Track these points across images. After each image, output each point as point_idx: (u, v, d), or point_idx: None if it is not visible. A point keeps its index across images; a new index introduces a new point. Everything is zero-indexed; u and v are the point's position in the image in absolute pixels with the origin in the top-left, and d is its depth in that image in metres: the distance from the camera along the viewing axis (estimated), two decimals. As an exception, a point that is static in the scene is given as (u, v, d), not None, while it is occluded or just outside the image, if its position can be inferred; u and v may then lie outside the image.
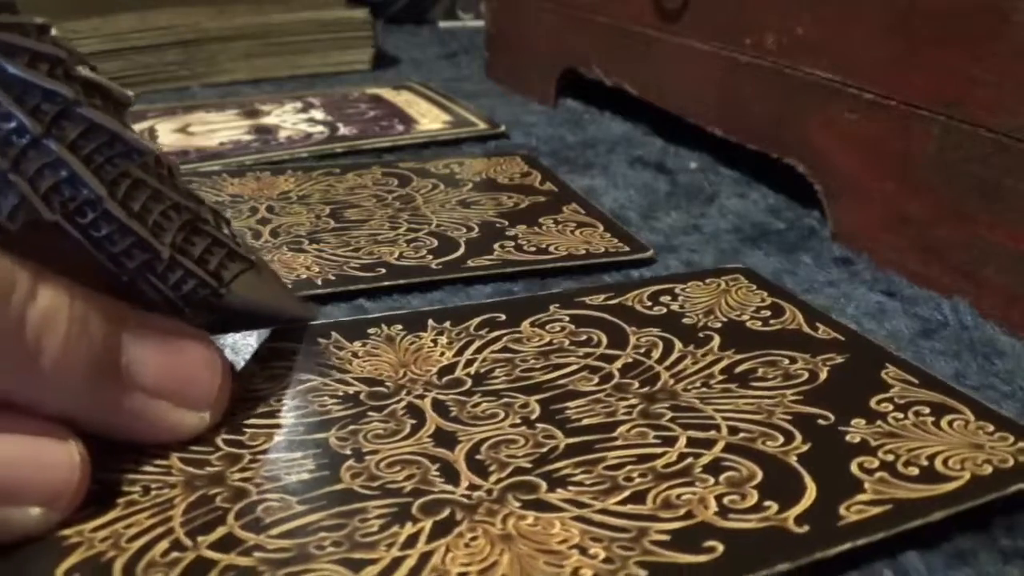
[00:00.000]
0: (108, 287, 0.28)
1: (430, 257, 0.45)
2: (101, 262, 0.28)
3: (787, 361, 0.36)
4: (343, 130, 0.67)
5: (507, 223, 0.49)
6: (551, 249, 0.46)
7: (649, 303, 0.40)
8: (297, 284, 0.42)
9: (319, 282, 0.42)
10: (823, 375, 0.35)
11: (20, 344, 0.24)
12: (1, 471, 0.25)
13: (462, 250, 0.46)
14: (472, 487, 0.29)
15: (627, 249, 0.46)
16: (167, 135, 0.65)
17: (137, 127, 0.64)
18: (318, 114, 0.71)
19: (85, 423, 0.27)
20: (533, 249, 0.46)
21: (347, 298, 0.42)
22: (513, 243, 0.47)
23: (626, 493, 0.28)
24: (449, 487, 0.29)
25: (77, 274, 0.26)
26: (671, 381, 0.34)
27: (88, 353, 0.26)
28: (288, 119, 0.70)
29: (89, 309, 0.26)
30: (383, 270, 0.44)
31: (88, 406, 0.27)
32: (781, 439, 0.31)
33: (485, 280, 0.44)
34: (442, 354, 0.36)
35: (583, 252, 0.46)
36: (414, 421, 0.32)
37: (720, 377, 0.35)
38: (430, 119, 0.70)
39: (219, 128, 0.67)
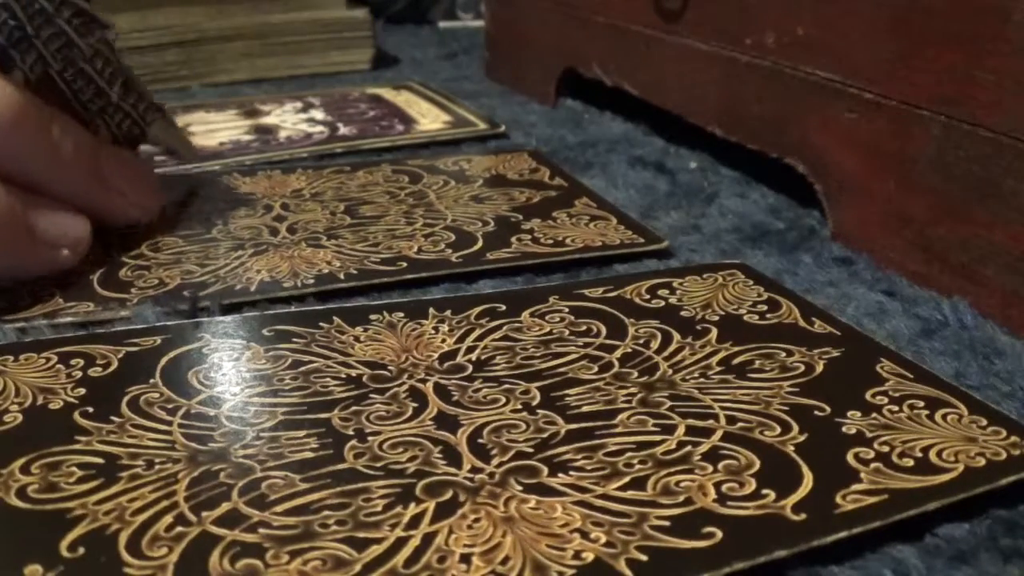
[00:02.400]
0: None
1: (449, 251, 0.46)
2: (74, 106, 0.44)
3: (784, 354, 0.36)
4: (343, 130, 0.67)
5: (521, 217, 0.50)
6: (567, 241, 0.47)
7: (647, 296, 0.41)
8: (320, 278, 0.42)
9: (342, 276, 0.43)
10: (819, 368, 0.35)
11: (48, 145, 0.40)
12: (54, 224, 0.40)
13: (480, 243, 0.46)
14: (474, 470, 0.29)
15: (642, 241, 0.47)
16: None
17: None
18: (318, 114, 0.71)
19: (82, 206, 0.42)
20: (550, 242, 0.47)
21: (368, 292, 0.42)
22: (530, 236, 0.47)
23: (626, 479, 0.28)
24: (452, 469, 0.29)
25: None
26: (670, 371, 0.35)
27: (87, 156, 0.42)
28: (288, 119, 0.70)
29: (81, 131, 0.42)
30: (404, 264, 0.44)
31: (84, 193, 0.42)
32: (778, 429, 0.31)
33: (509, 272, 0.44)
34: (443, 341, 0.37)
35: (599, 244, 0.47)
36: (416, 404, 0.32)
37: (718, 368, 0.35)
38: (430, 119, 0.70)
39: (219, 128, 0.67)
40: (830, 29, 0.47)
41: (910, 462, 0.29)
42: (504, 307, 0.40)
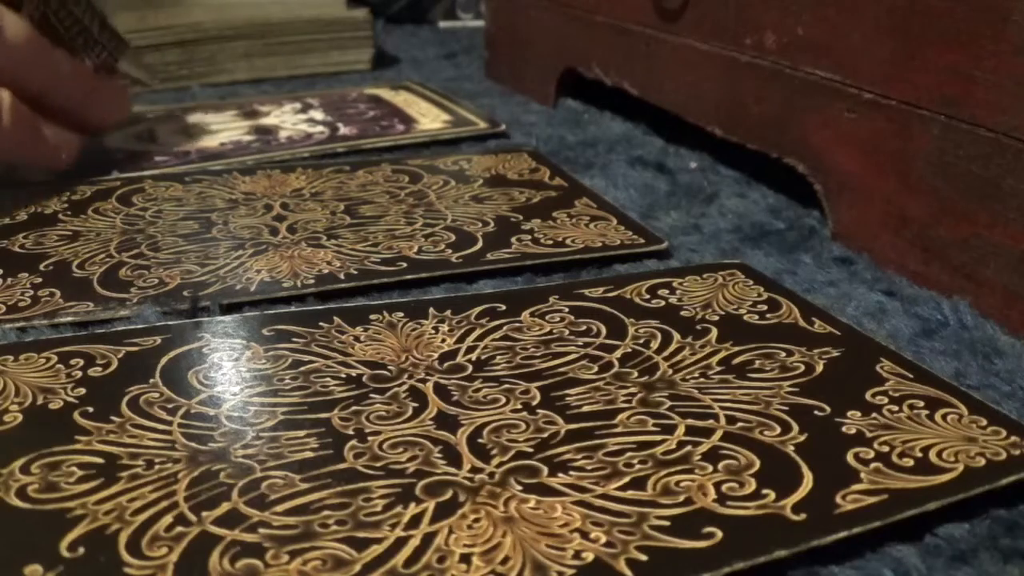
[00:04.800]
0: None
1: (449, 251, 0.46)
2: (65, 41, 0.53)
3: (784, 354, 0.36)
4: (343, 130, 0.67)
5: (521, 217, 0.50)
6: (568, 242, 0.47)
7: (647, 296, 0.41)
8: (320, 278, 0.42)
9: (342, 276, 0.43)
10: (819, 368, 0.35)
11: (51, 64, 0.51)
12: (55, 133, 0.52)
13: (480, 244, 0.46)
14: (474, 470, 0.29)
15: (642, 241, 0.47)
16: (167, 136, 0.65)
17: (137, 128, 0.67)
18: (317, 114, 0.71)
19: (76, 113, 0.54)
20: (550, 242, 0.47)
21: (368, 292, 0.42)
22: (530, 236, 0.48)
23: (626, 479, 0.28)
24: (452, 469, 0.29)
25: None
26: (670, 371, 0.35)
27: (79, 75, 0.54)
28: (288, 119, 0.70)
29: (72, 58, 0.53)
30: (404, 264, 0.44)
31: (78, 103, 0.54)
32: (778, 429, 0.31)
33: (509, 272, 0.44)
34: (443, 341, 0.37)
35: (600, 244, 0.47)
36: (416, 404, 0.32)
37: (718, 368, 0.35)
38: (430, 119, 0.70)
39: (219, 129, 0.67)
40: (830, 29, 0.47)
41: (910, 462, 0.29)
42: (504, 307, 0.40)
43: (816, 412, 0.32)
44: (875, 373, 0.35)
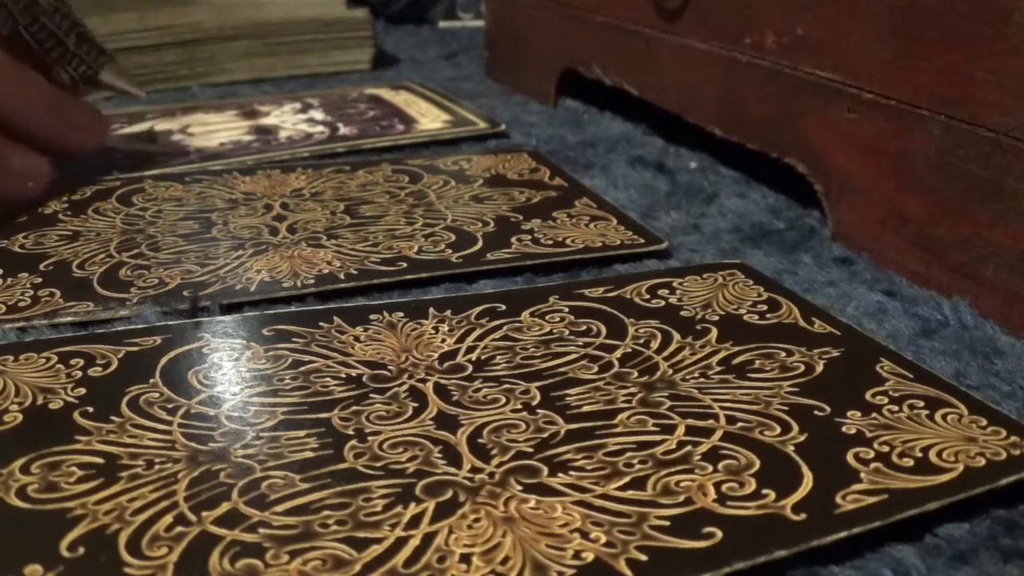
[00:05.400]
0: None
1: (449, 251, 0.46)
2: (39, 56, 0.51)
3: (784, 354, 0.36)
4: (343, 130, 0.67)
5: (521, 217, 0.50)
6: (568, 242, 0.47)
7: (647, 296, 0.41)
8: (320, 278, 0.42)
9: (342, 276, 0.43)
10: (819, 368, 0.35)
11: (19, 87, 0.47)
12: (23, 160, 0.48)
13: (480, 244, 0.46)
14: (474, 470, 0.29)
15: (642, 241, 0.47)
16: (167, 136, 0.65)
17: (135, 127, 0.66)
18: (317, 114, 0.71)
19: (46, 137, 0.49)
20: (550, 242, 0.47)
21: (368, 292, 0.42)
22: (530, 236, 0.47)
23: (626, 479, 0.28)
24: (452, 469, 0.29)
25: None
26: (670, 371, 0.35)
27: (49, 97, 0.49)
28: (288, 119, 0.70)
29: (44, 79, 0.50)
30: (404, 264, 0.44)
31: (48, 127, 0.49)
32: (778, 429, 0.31)
33: (509, 272, 0.44)
34: (443, 341, 0.37)
35: (599, 244, 0.47)
36: (416, 404, 0.32)
37: (718, 368, 0.35)
38: (430, 119, 0.70)
39: (219, 129, 0.67)
40: (830, 29, 0.47)
41: (910, 462, 0.29)
42: (504, 307, 0.40)
43: (816, 412, 0.32)
44: (875, 373, 0.35)
